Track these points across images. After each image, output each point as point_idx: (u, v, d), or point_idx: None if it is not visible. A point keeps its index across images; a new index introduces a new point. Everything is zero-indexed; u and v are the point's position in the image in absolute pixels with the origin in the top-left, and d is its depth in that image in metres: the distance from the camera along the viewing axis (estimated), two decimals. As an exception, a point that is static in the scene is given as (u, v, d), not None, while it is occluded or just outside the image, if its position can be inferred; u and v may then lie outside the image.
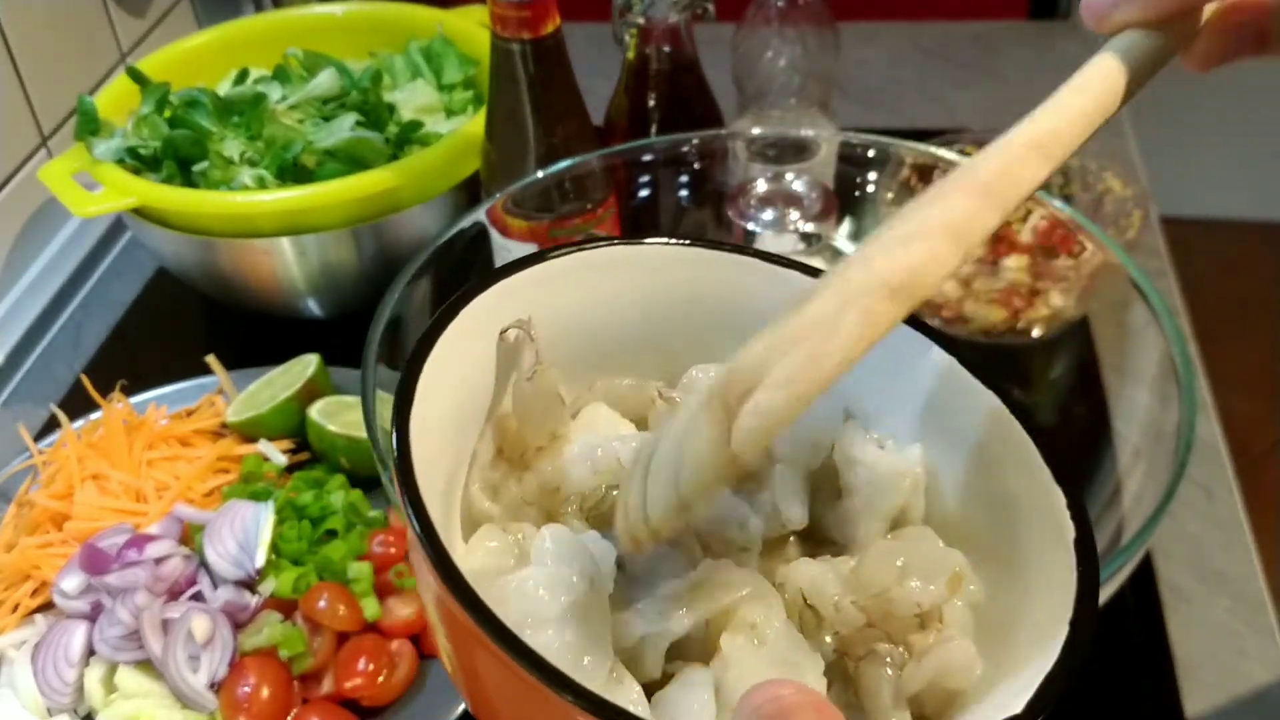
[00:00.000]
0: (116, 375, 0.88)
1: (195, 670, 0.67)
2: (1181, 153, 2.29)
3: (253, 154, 0.94)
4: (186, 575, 0.71)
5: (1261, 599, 0.77)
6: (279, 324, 0.98)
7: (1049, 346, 0.89)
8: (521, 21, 0.76)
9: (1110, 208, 0.98)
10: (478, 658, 0.31)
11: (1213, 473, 0.84)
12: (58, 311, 1.07)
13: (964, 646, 0.34)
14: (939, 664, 0.33)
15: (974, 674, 0.34)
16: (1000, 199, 0.32)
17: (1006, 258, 0.89)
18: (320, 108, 0.98)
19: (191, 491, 0.78)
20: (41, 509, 0.77)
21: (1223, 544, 0.80)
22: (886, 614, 0.34)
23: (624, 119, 0.96)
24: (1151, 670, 0.73)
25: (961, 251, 0.31)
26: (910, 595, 0.34)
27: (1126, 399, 0.75)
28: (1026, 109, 0.34)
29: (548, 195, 0.81)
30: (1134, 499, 0.67)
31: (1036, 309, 0.88)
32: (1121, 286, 0.74)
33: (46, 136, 1.08)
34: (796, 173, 0.89)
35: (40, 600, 0.73)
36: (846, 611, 0.34)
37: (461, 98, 1.03)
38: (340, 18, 1.11)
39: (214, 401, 0.86)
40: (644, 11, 0.91)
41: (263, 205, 0.88)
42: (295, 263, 0.91)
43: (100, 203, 0.89)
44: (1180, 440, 0.63)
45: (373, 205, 0.90)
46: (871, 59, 1.28)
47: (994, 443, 0.37)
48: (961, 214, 0.31)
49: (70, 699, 0.68)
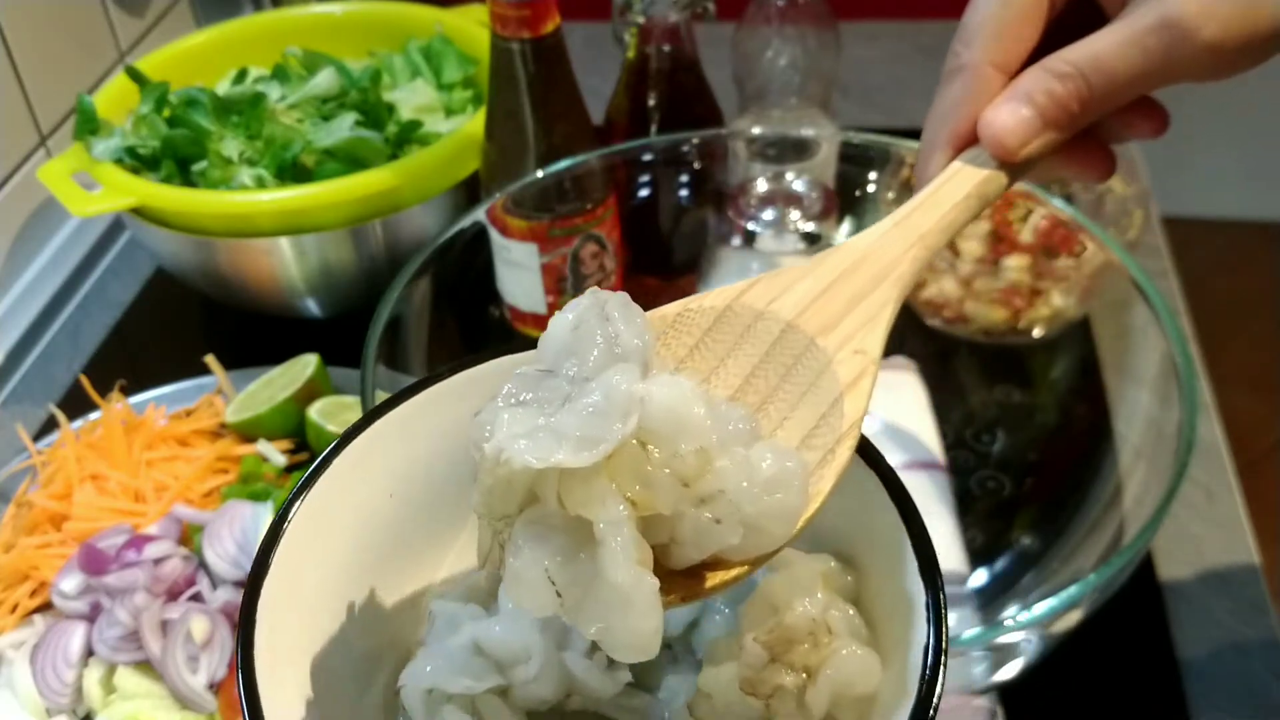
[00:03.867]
0: (115, 375, 0.88)
1: (194, 671, 0.67)
2: (1182, 152, 2.28)
3: (252, 154, 0.94)
4: (185, 576, 0.71)
5: (1262, 599, 0.77)
6: (278, 324, 0.98)
7: (1050, 346, 0.89)
8: (521, 21, 0.76)
9: (1111, 207, 0.98)
10: None
11: (1213, 473, 0.84)
12: (56, 311, 1.07)
13: (852, 653, 0.34)
14: (834, 678, 0.33)
15: (874, 675, 0.34)
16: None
17: (1007, 258, 0.88)
18: (319, 107, 0.97)
19: (190, 492, 0.78)
20: (40, 509, 0.77)
21: (1223, 544, 0.80)
22: (788, 642, 0.34)
23: (624, 119, 0.95)
24: (1153, 671, 0.73)
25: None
26: (802, 611, 0.34)
27: (1127, 399, 0.75)
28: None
29: (547, 195, 0.81)
30: (1135, 500, 0.67)
31: (1037, 309, 0.88)
32: (1122, 286, 0.74)
33: (45, 136, 1.08)
34: (797, 172, 0.89)
35: (39, 601, 0.73)
36: (750, 650, 0.34)
37: (461, 97, 1.03)
38: (339, 17, 1.11)
39: (213, 402, 0.86)
40: (644, 11, 0.90)
41: (262, 205, 0.88)
42: (294, 262, 0.91)
43: (99, 202, 0.89)
44: (1181, 440, 0.63)
45: (372, 205, 0.90)
46: (872, 59, 1.28)
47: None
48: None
49: (69, 700, 0.68)
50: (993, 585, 0.73)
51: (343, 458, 0.37)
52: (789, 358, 0.35)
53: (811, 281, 0.36)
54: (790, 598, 0.35)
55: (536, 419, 0.31)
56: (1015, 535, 0.76)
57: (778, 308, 0.36)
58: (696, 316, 0.36)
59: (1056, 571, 0.69)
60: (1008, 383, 0.89)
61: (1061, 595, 0.57)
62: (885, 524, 0.35)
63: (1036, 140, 0.39)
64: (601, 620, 0.30)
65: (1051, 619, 0.58)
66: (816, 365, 0.35)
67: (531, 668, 0.35)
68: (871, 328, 0.35)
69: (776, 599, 0.35)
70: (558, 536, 0.31)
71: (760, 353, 0.35)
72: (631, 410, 0.30)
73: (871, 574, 0.36)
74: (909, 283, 0.37)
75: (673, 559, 0.32)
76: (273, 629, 0.34)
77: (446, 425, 0.38)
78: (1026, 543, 0.75)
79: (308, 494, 0.36)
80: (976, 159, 0.40)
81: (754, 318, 0.36)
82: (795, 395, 0.35)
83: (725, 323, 0.36)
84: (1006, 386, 0.88)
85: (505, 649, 0.36)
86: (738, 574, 0.32)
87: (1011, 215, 0.90)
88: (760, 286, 0.36)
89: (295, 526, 0.36)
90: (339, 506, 0.37)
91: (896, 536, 0.34)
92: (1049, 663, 0.62)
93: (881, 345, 0.35)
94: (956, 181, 0.39)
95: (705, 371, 0.35)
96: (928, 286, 0.90)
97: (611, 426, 0.30)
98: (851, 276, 0.36)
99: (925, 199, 0.39)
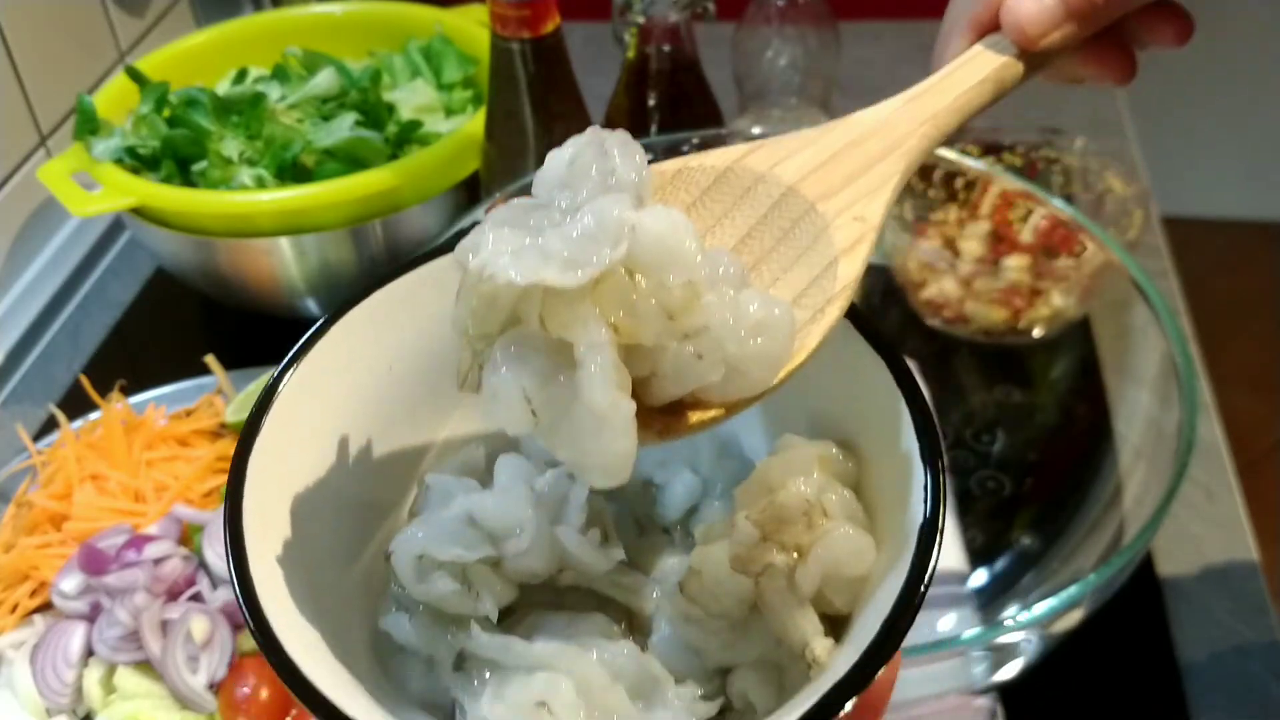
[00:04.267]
0: (115, 375, 0.88)
1: (194, 671, 0.67)
2: (1183, 152, 2.29)
3: (252, 154, 0.94)
4: (185, 576, 0.71)
5: (1262, 599, 0.77)
6: (278, 324, 0.98)
7: (1050, 346, 0.89)
8: (521, 21, 0.76)
9: (1111, 207, 0.98)
10: None
11: (1213, 473, 0.84)
12: (56, 311, 1.07)
13: (845, 533, 0.33)
14: (825, 557, 0.33)
15: (867, 557, 0.33)
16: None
17: (1007, 258, 0.88)
18: (319, 107, 0.97)
19: (190, 492, 0.78)
20: (40, 509, 0.77)
21: (1223, 544, 0.80)
22: (780, 521, 0.34)
23: (624, 118, 0.95)
24: (1153, 671, 0.73)
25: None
26: (796, 492, 0.34)
27: (1127, 399, 0.75)
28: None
29: (547, 195, 0.81)
30: (1135, 500, 0.67)
31: (1037, 309, 0.88)
32: (1122, 286, 0.74)
33: (45, 136, 1.08)
34: (797, 172, 0.89)
35: (39, 601, 0.73)
36: (741, 528, 0.34)
37: (461, 97, 1.03)
38: (339, 17, 1.11)
39: (213, 401, 0.86)
40: (644, 11, 0.90)
41: (262, 205, 0.88)
42: (294, 262, 0.91)
43: (99, 202, 0.89)
44: (1181, 440, 0.63)
45: (372, 205, 0.89)
46: (872, 58, 1.28)
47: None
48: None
49: (69, 700, 0.68)
50: (993, 585, 0.73)
51: (338, 328, 0.37)
52: (787, 221, 0.35)
53: (816, 150, 0.36)
54: (785, 478, 0.35)
55: (524, 239, 0.31)
56: (1015, 535, 0.76)
57: (780, 172, 0.36)
58: (696, 175, 0.36)
59: (1056, 571, 0.69)
60: (1008, 383, 0.89)
61: (1061, 595, 0.57)
62: (886, 404, 0.35)
63: (1058, 31, 0.38)
64: (575, 442, 0.30)
65: (1051, 619, 0.58)
66: (814, 229, 0.35)
67: (524, 540, 0.35)
68: (873, 197, 0.35)
69: (772, 480, 0.35)
70: (538, 358, 0.31)
71: (758, 214, 0.35)
72: (621, 237, 0.30)
73: (872, 458, 0.36)
74: (916, 159, 0.36)
75: (653, 393, 0.32)
76: (261, 498, 0.34)
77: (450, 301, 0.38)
78: (1026, 543, 0.75)
79: (301, 362, 0.36)
80: (996, 45, 0.39)
81: (754, 180, 0.36)
82: (790, 257, 0.35)
83: (725, 183, 0.36)
84: (1006, 386, 0.88)
85: (498, 521, 0.36)
86: (715, 415, 0.32)
87: (1011, 215, 0.90)
88: (763, 151, 0.36)
89: (287, 393, 0.35)
90: (332, 376, 0.37)
91: (897, 414, 0.34)
92: (1049, 663, 0.62)
93: (882, 215, 0.35)
94: (974, 65, 0.39)
95: (701, 229, 0.35)
96: (928, 286, 0.90)
97: (601, 250, 0.30)
98: (858, 148, 0.36)
99: (941, 80, 0.39)
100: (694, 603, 0.35)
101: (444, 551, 0.35)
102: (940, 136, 0.37)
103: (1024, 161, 1.04)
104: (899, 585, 0.30)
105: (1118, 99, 1.23)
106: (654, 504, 0.39)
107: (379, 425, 0.39)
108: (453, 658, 0.36)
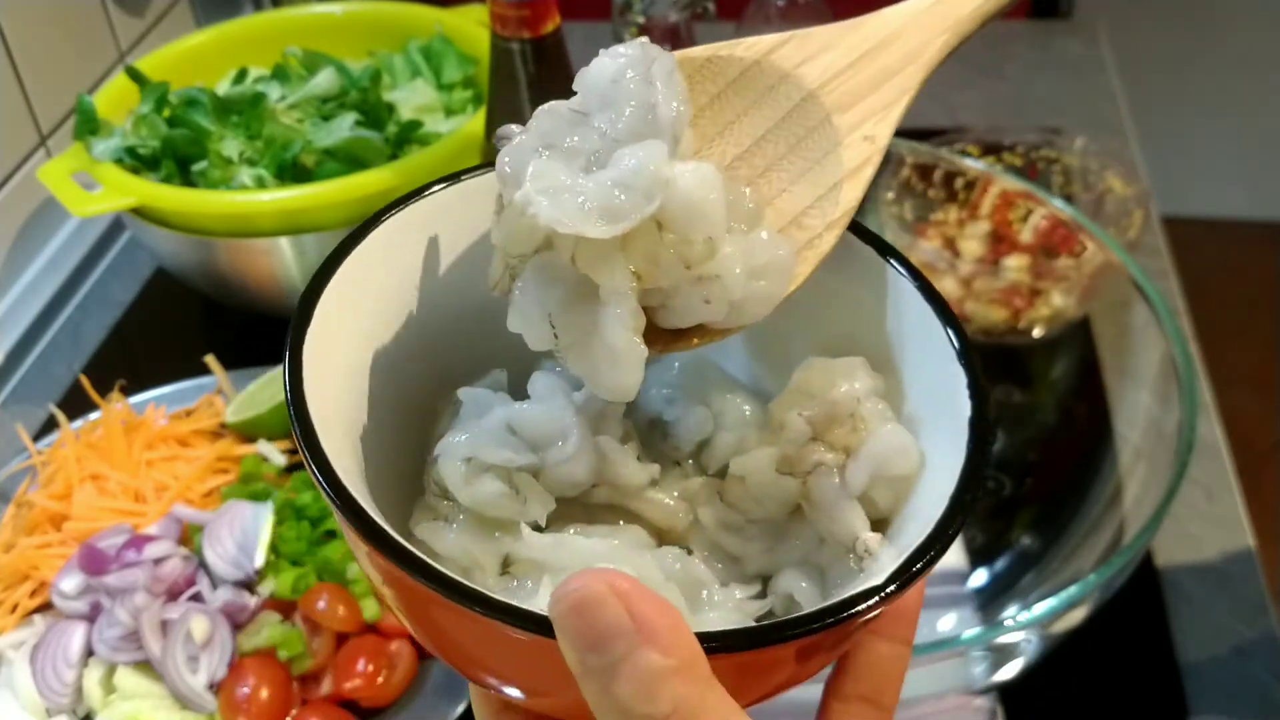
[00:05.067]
0: (115, 375, 0.88)
1: (194, 671, 0.67)
2: (1183, 152, 2.29)
3: (252, 153, 0.94)
4: (185, 576, 0.71)
5: (1262, 599, 0.77)
6: (278, 324, 0.98)
7: (1050, 346, 0.89)
8: (521, 21, 0.76)
9: (1111, 207, 0.98)
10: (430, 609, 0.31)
11: (1213, 473, 0.84)
12: (56, 311, 1.07)
13: (894, 429, 0.34)
14: (876, 452, 0.34)
15: (913, 455, 0.34)
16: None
17: (1007, 258, 0.88)
18: (319, 107, 0.97)
19: (190, 492, 0.78)
20: (40, 509, 0.77)
21: (1223, 544, 0.80)
22: (830, 419, 0.35)
23: (624, 118, 0.95)
24: (1153, 671, 0.73)
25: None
26: (848, 391, 0.35)
27: (1127, 399, 0.75)
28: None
29: (547, 195, 0.81)
30: (1135, 500, 0.67)
31: (1037, 309, 0.88)
32: (1122, 286, 0.74)
33: (45, 136, 1.08)
34: (797, 172, 0.89)
35: (39, 601, 0.73)
36: (793, 425, 0.35)
37: (461, 97, 1.03)
38: (339, 17, 1.11)
39: (213, 402, 0.86)
40: (644, 11, 0.90)
41: (262, 205, 0.88)
42: (294, 263, 0.91)
43: (99, 202, 0.89)
44: (1181, 440, 0.63)
45: (372, 205, 0.89)
46: (872, 58, 1.28)
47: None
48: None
49: (69, 700, 0.68)
50: (993, 585, 0.73)
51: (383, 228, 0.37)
52: (801, 129, 0.36)
53: (840, 53, 0.37)
54: (831, 382, 0.36)
55: (562, 176, 0.32)
56: (1015, 535, 0.76)
57: (804, 73, 0.37)
58: (725, 65, 0.37)
59: (1056, 571, 0.69)
60: (1008, 383, 0.89)
61: (1061, 595, 0.57)
62: (914, 318, 0.36)
63: None
64: (590, 367, 0.33)
65: (1051, 619, 0.58)
66: (826, 144, 0.36)
67: (568, 448, 0.36)
68: (885, 115, 0.36)
69: (813, 387, 0.36)
70: (563, 285, 0.33)
71: (775, 118, 0.37)
72: (655, 194, 0.32)
73: (903, 372, 0.37)
74: (932, 69, 0.37)
75: (659, 319, 0.35)
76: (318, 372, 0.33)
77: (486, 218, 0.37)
78: (1026, 543, 0.75)
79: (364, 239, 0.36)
80: None
81: (778, 79, 0.37)
82: (798, 170, 0.36)
83: (750, 77, 0.37)
84: (1006, 386, 0.88)
85: (539, 428, 0.36)
86: (712, 337, 0.35)
87: (1011, 215, 0.90)
88: (791, 45, 0.37)
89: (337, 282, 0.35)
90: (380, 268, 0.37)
91: (928, 328, 0.35)
92: (1049, 663, 0.62)
93: (890, 134, 0.36)
94: None
95: (721, 125, 0.37)
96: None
97: (636, 205, 0.32)
98: (880, 53, 0.37)
99: None
100: (734, 509, 0.36)
101: (493, 454, 0.35)
102: (958, 44, 0.38)
103: (1024, 161, 1.04)
104: (950, 482, 0.31)
105: (1118, 99, 1.23)
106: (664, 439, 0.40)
107: (414, 334, 0.39)
108: (498, 565, 0.35)
